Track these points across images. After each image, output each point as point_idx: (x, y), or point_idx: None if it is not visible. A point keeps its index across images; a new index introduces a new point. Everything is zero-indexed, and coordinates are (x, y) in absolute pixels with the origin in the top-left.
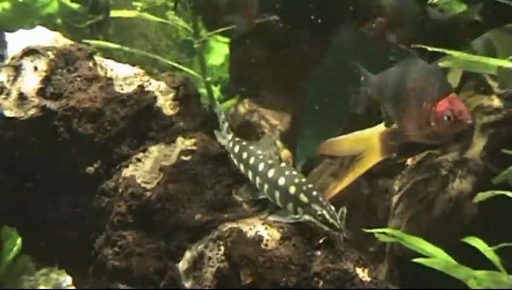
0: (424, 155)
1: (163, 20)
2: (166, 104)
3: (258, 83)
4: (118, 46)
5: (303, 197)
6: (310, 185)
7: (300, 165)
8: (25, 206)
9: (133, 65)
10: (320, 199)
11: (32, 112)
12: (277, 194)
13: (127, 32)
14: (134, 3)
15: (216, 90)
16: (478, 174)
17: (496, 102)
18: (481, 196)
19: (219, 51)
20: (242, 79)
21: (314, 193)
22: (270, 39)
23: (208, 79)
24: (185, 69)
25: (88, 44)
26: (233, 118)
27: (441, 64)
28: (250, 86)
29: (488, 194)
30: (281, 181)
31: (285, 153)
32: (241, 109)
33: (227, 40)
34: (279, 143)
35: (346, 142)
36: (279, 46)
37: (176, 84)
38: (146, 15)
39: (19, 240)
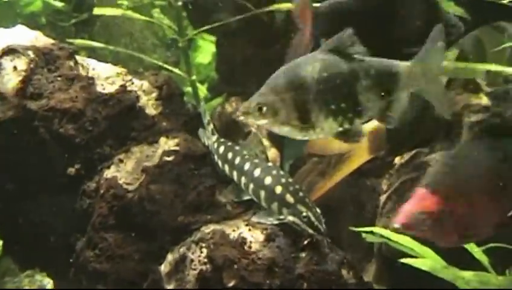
0: (412, 154)
1: (148, 19)
2: (149, 103)
3: (245, 81)
4: (102, 45)
5: (289, 198)
6: (296, 186)
7: (288, 163)
8: (6, 208)
9: (116, 64)
10: (306, 200)
11: (11, 112)
12: (262, 193)
13: (112, 30)
14: (119, 2)
15: (203, 89)
16: None
17: (484, 100)
18: None
19: (206, 50)
20: (229, 77)
21: (301, 194)
22: (257, 37)
23: (193, 78)
24: (170, 68)
25: (71, 43)
26: (220, 117)
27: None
28: (237, 84)
29: None
30: (267, 180)
31: (272, 151)
32: (228, 108)
33: (214, 38)
34: (266, 142)
35: (333, 140)
36: (267, 43)
37: (159, 83)
38: (131, 13)
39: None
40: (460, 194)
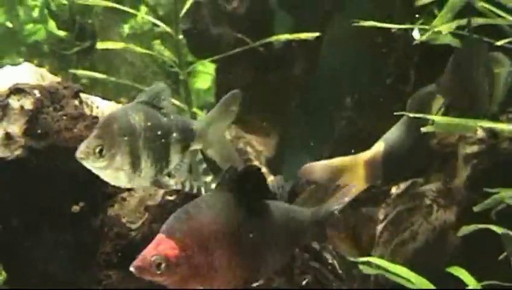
0: (407, 184)
1: (149, 52)
2: None
3: (244, 108)
4: (103, 76)
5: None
6: None
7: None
8: (10, 244)
9: (119, 102)
10: (330, 247)
11: (18, 152)
12: None
13: (113, 58)
14: (120, 29)
15: (202, 115)
16: (461, 204)
17: (480, 133)
18: (464, 230)
19: (206, 75)
20: None
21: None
22: (256, 64)
23: (194, 110)
24: (173, 100)
25: (74, 74)
26: None
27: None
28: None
29: (472, 227)
30: None
31: (270, 179)
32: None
33: (213, 64)
34: (264, 169)
35: (328, 167)
36: (265, 70)
37: None
38: (132, 46)
39: (2, 276)
40: (196, 243)
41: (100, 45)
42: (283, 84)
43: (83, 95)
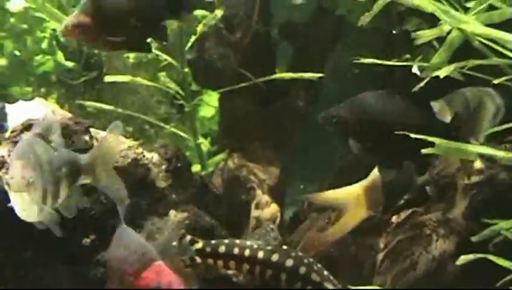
0: (408, 213)
1: (154, 84)
2: (159, 176)
3: (247, 137)
4: (111, 107)
5: (315, 277)
6: (319, 265)
7: (288, 217)
8: (22, 276)
9: (126, 136)
10: (331, 277)
11: None
12: (283, 276)
13: (119, 87)
14: (126, 58)
15: (206, 143)
16: (460, 234)
17: (478, 163)
18: (463, 259)
19: (210, 103)
20: (231, 133)
21: (325, 273)
22: (258, 95)
23: (199, 141)
24: (176, 130)
25: (82, 104)
26: (223, 173)
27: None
28: (239, 140)
29: (470, 257)
30: (289, 262)
31: (272, 207)
32: (231, 164)
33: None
34: (266, 197)
35: (329, 196)
36: (267, 101)
37: (168, 155)
38: (139, 79)
39: None
40: None
41: (107, 78)
42: (285, 113)
43: (92, 130)
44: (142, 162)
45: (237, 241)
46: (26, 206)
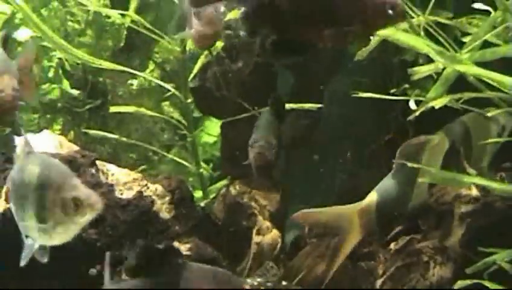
0: (406, 241)
1: (158, 114)
2: (162, 207)
3: (249, 164)
4: (116, 136)
5: None
6: None
7: (289, 242)
8: None
9: (132, 168)
10: None
11: None
12: None
13: (124, 114)
14: (130, 85)
15: (208, 169)
16: (457, 262)
17: (474, 191)
18: (460, 284)
19: (212, 129)
20: (232, 160)
21: None
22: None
23: (201, 171)
24: (179, 160)
25: (86, 133)
26: (224, 199)
27: (420, 179)
28: (240, 166)
29: (466, 282)
30: None
31: (274, 233)
32: (232, 190)
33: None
34: (267, 223)
35: (323, 215)
36: None
37: (171, 187)
38: (144, 110)
39: None
40: None
41: (112, 109)
42: (286, 140)
43: (98, 163)
44: (147, 194)
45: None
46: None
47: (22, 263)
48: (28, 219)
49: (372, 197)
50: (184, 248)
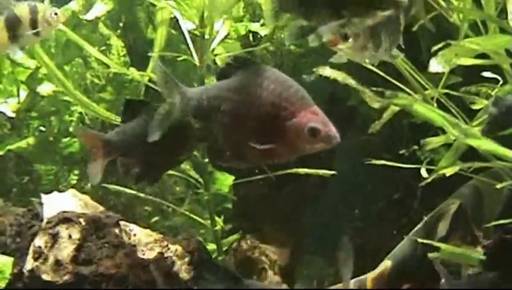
0: None
1: (175, 173)
2: (182, 268)
3: (259, 219)
4: (133, 191)
5: None
6: None
7: None
8: None
9: (153, 229)
10: None
11: (66, 277)
12: None
13: None
14: None
15: (220, 221)
16: None
17: (481, 253)
18: None
19: (224, 182)
20: (244, 214)
21: None
22: (271, 177)
23: (216, 228)
24: (197, 218)
25: (103, 186)
26: (236, 253)
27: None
28: (251, 221)
29: None
30: None
31: (284, 287)
32: (244, 245)
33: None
34: (277, 278)
35: None
36: (280, 185)
37: (190, 248)
38: None
39: None
40: None
41: None
42: (296, 196)
43: (122, 223)
44: (167, 255)
45: None
46: None
47: None
48: None
49: (386, 265)
50: None
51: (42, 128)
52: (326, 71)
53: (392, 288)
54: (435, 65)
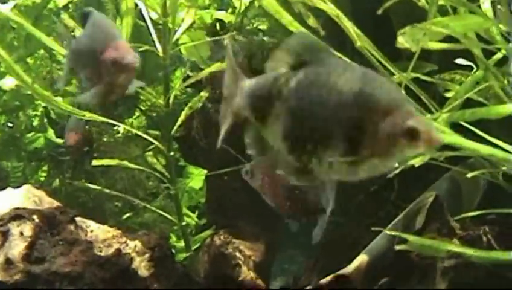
0: None
1: (141, 168)
2: (141, 265)
3: (233, 213)
4: (98, 187)
5: None
6: None
7: None
8: None
9: (111, 225)
10: None
11: (17, 276)
12: None
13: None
14: (115, 132)
15: (193, 217)
16: None
17: (457, 246)
18: None
19: (198, 176)
20: (217, 208)
21: None
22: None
23: (183, 223)
24: (161, 212)
25: (71, 183)
26: (209, 249)
27: (397, 247)
28: (225, 215)
29: None
30: None
31: (258, 283)
32: (217, 241)
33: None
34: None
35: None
36: None
37: (151, 244)
38: (127, 163)
39: None
40: None
41: (95, 162)
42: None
43: (78, 219)
44: (125, 251)
45: None
46: None
47: None
48: None
49: (362, 259)
50: None
51: (10, 124)
52: None
53: (369, 282)
54: (402, 41)
